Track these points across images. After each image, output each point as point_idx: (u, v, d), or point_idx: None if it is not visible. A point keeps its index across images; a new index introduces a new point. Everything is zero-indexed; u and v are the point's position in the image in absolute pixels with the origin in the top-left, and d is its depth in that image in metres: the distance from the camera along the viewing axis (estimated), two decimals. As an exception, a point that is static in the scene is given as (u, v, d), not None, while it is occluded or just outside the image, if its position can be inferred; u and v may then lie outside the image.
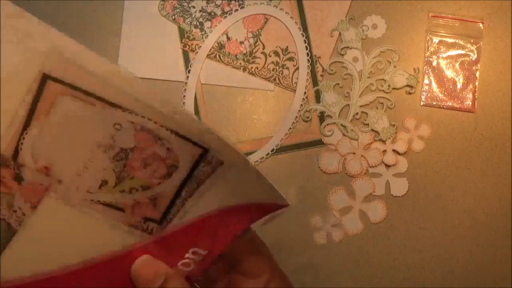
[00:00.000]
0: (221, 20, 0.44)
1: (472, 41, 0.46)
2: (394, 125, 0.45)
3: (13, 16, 0.30)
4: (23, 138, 0.31)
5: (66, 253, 0.33)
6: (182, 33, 0.44)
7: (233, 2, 0.44)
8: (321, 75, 0.45)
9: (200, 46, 0.44)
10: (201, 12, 0.44)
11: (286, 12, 0.45)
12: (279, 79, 0.45)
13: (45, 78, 0.31)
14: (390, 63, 0.46)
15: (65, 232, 0.33)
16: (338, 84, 0.45)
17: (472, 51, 0.46)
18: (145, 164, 0.33)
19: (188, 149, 0.34)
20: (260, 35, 0.45)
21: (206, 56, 0.44)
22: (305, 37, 0.45)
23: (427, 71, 0.46)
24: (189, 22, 0.44)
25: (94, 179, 0.33)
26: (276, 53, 0.45)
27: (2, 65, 0.30)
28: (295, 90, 0.45)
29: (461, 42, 0.46)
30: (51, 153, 0.32)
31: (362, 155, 0.45)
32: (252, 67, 0.44)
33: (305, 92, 0.45)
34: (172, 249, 0.30)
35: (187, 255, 0.35)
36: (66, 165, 0.32)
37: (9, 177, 0.31)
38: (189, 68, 0.43)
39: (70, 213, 0.33)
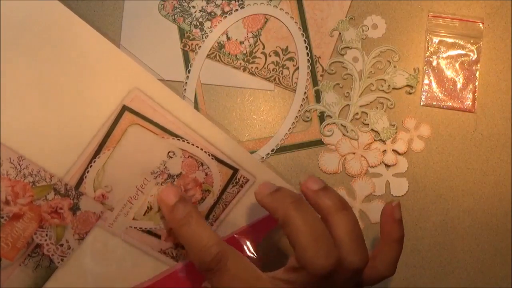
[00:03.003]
0: (221, 20, 0.44)
1: (472, 41, 0.46)
2: (394, 125, 0.45)
3: (108, 51, 0.31)
4: (90, 167, 0.32)
5: (101, 286, 0.33)
6: (182, 33, 0.44)
7: (233, 2, 0.44)
8: (321, 75, 0.45)
9: (200, 46, 0.44)
10: (201, 12, 0.44)
11: (286, 12, 0.45)
12: (279, 79, 0.45)
13: (124, 109, 0.32)
14: (390, 63, 0.46)
15: (104, 265, 0.33)
16: (338, 84, 0.45)
17: (472, 51, 0.46)
18: (186, 189, 0.34)
19: (222, 172, 0.35)
20: (260, 35, 0.45)
21: (206, 56, 0.44)
22: (305, 37, 0.45)
23: (427, 71, 0.46)
24: (189, 22, 0.44)
25: (142, 205, 0.34)
26: (276, 53, 0.45)
27: (89, 96, 0.31)
28: (295, 90, 0.45)
29: (461, 42, 0.46)
30: (111, 181, 0.33)
31: (362, 155, 0.45)
32: (252, 67, 0.44)
33: (305, 92, 0.45)
34: (192, 277, 0.31)
35: (203, 284, 0.35)
36: (121, 193, 0.33)
37: (66, 208, 0.32)
38: (189, 68, 0.43)
39: (112, 243, 0.33)
